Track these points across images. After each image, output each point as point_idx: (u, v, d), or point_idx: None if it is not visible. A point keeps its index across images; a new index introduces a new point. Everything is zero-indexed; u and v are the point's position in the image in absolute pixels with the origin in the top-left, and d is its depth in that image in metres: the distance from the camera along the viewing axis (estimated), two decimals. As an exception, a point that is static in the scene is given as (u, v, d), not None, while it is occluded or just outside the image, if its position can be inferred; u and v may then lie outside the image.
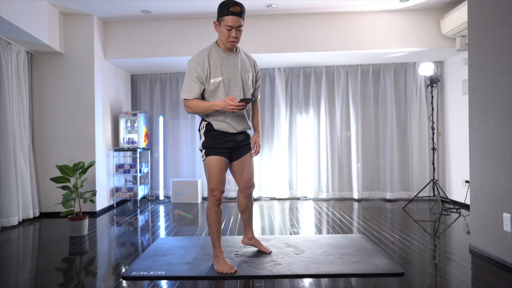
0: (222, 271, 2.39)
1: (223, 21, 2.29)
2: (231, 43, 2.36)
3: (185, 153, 5.77)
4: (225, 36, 2.33)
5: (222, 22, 2.30)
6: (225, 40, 2.35)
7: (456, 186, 5.00)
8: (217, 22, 2.34)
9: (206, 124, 2.46)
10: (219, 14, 2.31)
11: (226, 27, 2.29)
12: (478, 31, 2.79)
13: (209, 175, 2.46)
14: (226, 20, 2.28)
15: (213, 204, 2.49)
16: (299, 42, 4.70)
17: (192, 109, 2.38)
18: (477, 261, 2.61)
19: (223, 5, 2.29)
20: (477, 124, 2.80)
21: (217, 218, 2.50)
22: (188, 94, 2.37)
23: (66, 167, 3.54)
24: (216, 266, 2.45)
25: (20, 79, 4.24)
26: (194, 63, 2.35)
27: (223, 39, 2.35)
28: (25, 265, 2.66)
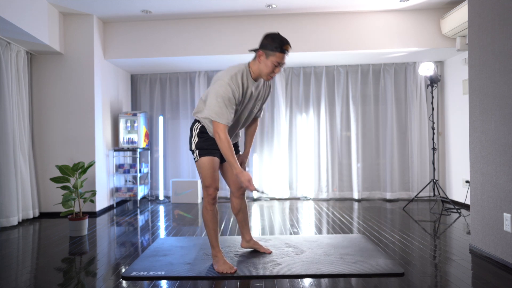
0: (222, 270, 2.38)
1: (274, 57, 2.22)
2: (270, 77, 2.32)
3: (185, 153, 5.77)
4: (269, 70, 2.26)
5: (272, 57, 2.22)
6: (266, 74, 2.28)
7: (456, 186, 5.00)
8: (263, 53, 2.24)
9: (200, 126, 2.44)
10: (270, 47, 2.22)
11: (274, 62, 2.23)
12: (478, 31, 2.79)
13: (203, 175, 2.43)
14: (278, 57, 2.22)
15: (209, 203, 2.45)
16: (299, 42, 4.70)
17: (223, 140, 2.21)
18: (477, 261, 2.61)
19: (277, 40, 2.22)
20: (477, 124, 2.80)
21: (213, 218, 2.48)
22: (225, 120, 2.21)
23: (66, 167, 3.54)
24: (216, 266, 2.44)
25: (20, 79, 4.23)
26: (231, 87, 2.21)
27: (265, 71, 2.28)
28: (25, 265, 2.66)
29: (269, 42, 2.22)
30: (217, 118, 2.21)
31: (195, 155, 2.46)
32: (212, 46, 4.74)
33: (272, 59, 2.23)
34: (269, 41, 2.23)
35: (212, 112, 2.22)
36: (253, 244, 2.85)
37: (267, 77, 2.30)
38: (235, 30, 4.73)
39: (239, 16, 4.73)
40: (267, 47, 2.22)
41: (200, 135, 2.44)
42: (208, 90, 2.31)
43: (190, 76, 5.78)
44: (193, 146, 2.46)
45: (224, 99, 2.20)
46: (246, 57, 4.89)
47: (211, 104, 2.23)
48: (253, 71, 2.32)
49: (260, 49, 2.25)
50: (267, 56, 2.23)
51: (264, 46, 2.24)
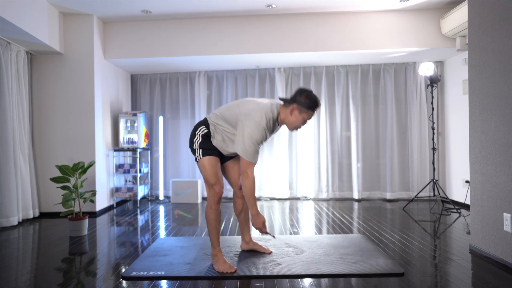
0: (222, 270, 2.38)
1: (306, 113, 2.35)
2: (295, 129, 2.45)
3: (185, 153, 5.77)
4: (298, 123, 2.39)
5: (304, 113, 2.35)
6: (294, 125, 2.41)
7: (456, 186, 5.00)
8: (297, 108, 2.34)
9: (206, 131, 2.46)
10: (304, 104, 2.33)
11: (306, 118, 2.38)
12: (478, 31, 2.79)
13: (207, 173, 2.44)
14: (309, 114, 2.37)
15: (214, 201, 2.46)
16: (299, 42, 4.70)
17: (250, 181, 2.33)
18: (477, 261, 2.61)
19: (312, 100, 2.33)
20: (477, 124, 2.80)
21: (217, 217, 2.49)
22: (256, 160, 2.33)
23: (66, 167, 3.54)
24: (215, 265, 2.44)
25: (20, 79, 4.23)
26: (266, 133, 2.33)
27: (294, 123, 2.39)
28: (25, 265, 2.66)
29: (305, 100, 2.33)
30: (251, 159, 2.31)
31: (197, 154, 2.47)
32: (212, 46, 4.75)
33: (304, 116, 2.37)
34: (305, 99, 2.33)
35: (247, 153, 2.30)
36: (253, 245, 2.85)
37: (293, 129, 2.44)
38: (235, 30, 4.73)
39: (239, 16, 4.73)
40: (302, 104, 2.33)
41: (204, 137, 2.46)
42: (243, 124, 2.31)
43: (190, 76, 5.78)
44: (195, 145, 2.47)
45: (258, 142, 2.31)
46: (246, 57, 4.90)
47: (246, 144, 2.29)
48: (281, 118, 2.42)
49: (296, 104, 2.34)
50: (300, 112, 2.36)
51: (299, 102, 2.34)
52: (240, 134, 2.31)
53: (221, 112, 2.46)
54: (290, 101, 2.37)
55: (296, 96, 2.36)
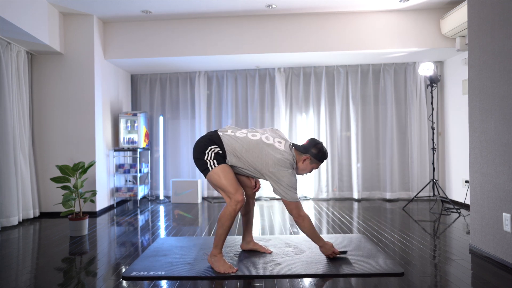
0: (224, 271, 2.38)
1: (316, 163, 2.64)
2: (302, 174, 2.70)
3: (185, 153, 5.77)
4: (308, 170, 2.65)
5: (315, 163, 2.64)
6: (303, 171, 2.66)
7: (456, 186, 5.00)
8: (309, 158, 2.60)
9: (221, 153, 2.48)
10: (316, 157, 2.60)
11: (314, 167, 2.66)
12: (478, 31, 2.79)
13: (227, 181, 2.44)
14: (318, 164, 2.65)
15: (236, 211, 2.44)
16: (299, 42, 4.70)
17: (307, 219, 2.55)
18: (477, 261, 2.61)
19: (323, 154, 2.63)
20: (477, 124, 2.80)
21: (232, 224, 2.48)
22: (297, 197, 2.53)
23: (66, 167, 3.54)
24: (215, 265, 2.44)
25: (20, 79, 4.24)
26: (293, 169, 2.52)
27: (303, 170, 2.65)
28: (25, 265, 2.66)
29: (317, 153, 2.61)
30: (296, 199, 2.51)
31: (210, 165, 2.46)
32: (212, 46, 4.75)
33: (313, 166, 2.65)
34: (317, 152, 2.61)
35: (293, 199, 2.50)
36: (253, 245, 2.86)
37: (301, 173, 2.68)
38: (235, 30, 4.73)
39: (239, 16, 4.73)
40: (314, 156, 2.61)
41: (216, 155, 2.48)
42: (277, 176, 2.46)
43: (190, 76, 5.78)
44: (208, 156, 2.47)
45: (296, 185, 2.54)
46: (246, 57, 4.90)
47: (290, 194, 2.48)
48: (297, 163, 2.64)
49: (309, 155, 2.60)
50: (311, 162, 2.63)
51: (312, 154, 2.61)
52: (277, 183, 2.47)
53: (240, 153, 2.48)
54: (304, 151, 2.61)
55: (310, 147, 2.62)
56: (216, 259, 2.48)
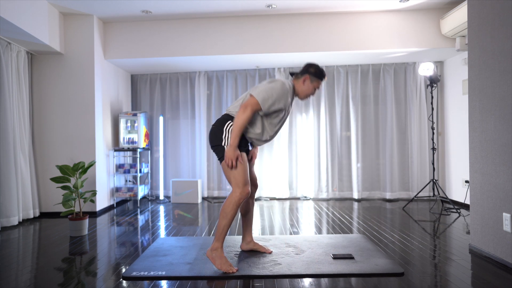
0: (225, 269, 2.38)
1: (316, 82, 2.62)
2: (305, 98, 2.68)
3: (185, 153, 5.77)
4: (310, 91, 2.63)
5: (315, 82, 2.62)
6: (305, 94, 2.64)
7: (456, 186, 5.00)
8: (308, 78, 2.60)
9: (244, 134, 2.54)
10: (315, 75, 2.59)
11: (316, 87, 2.63)
12: (478, 31, 2.79)
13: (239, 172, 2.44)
14: (319, 83, 2.64)
15: (240, 199, 2.44)
16: (299, 42, 4.70)
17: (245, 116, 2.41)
18: (477, 261, 2.61)
19: (320, 70, 2.61)
20: (477, 124, 2.80)
21: (235, 215, 2.48)
22: (262, 101, 2.43)
23: (66, 167, 3.54)
24: (216, 261, 2.42)
25: (20, 79, 4.24)
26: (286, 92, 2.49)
27: (305, 92, 2.62)
28: (25, 265, 2.66)
29: (315, 71, 2.61)
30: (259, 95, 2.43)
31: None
32: (212, 46, 4.75)
33: (314, 84, 2.63)
34: (315, 70, 2.61)
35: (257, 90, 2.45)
36: (253, 245, 2.85)
37: (304, 97, 2.66)
38: (235, 30, 4.73)
39: (239, 16, 4.73)
40: (313, 74, 2.60)
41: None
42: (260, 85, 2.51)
43: (190, 76, 5.78)
44: (224, 141, 2.48)
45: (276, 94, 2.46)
46: (246, 57, 4.89)
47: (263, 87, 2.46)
48: (296, 88, 2.66)
49: (307, 75, 2.60)
50: (312, 81, 2.62)
51: (310, 73, 2.61)
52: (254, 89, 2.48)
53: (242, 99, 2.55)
54: (302, 73, 2.61)
55: (307, 68, 2.61)
56: (217, 255, 2.45)
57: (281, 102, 2.48)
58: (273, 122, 2.56)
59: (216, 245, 2.46)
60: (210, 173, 5.78)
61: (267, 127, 2.56)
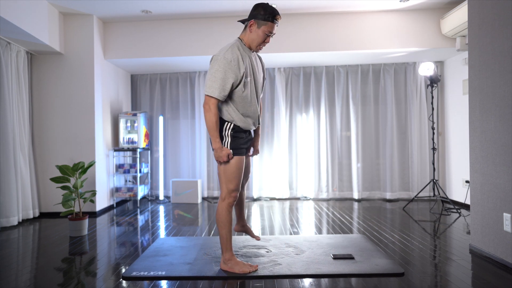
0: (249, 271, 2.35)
1: (266, 26, 2.25)
2: (260, 48, 2.35)
3: (185, 153, 5.77)
4: (261, 39, 2.29)
5: (264, 27, 2.25)
6: (257, 43, 2.31)
7: (456, 186, 5.00)
8: (255, 23, 2.26)
9: (232, 125, 2.35)
10: (262, 17, 2.24)
11: (266, 32, 2.27)
12: (478, 31, 2.79)
13: (231, 176, 2.34)
14: (270, 26, 2.25)
15: (230, 205, 2.36)
16: (299, 42, 4.70)
17: (211, 114, 2.23)
18: (477, 261, 2.61)
19: (269, 11, 2.24)
20: (477, 124, 2.80)
21: (231, 219, 2.40)
22: (218, 93, 2.21)
23: (66, 167, 3.54)
24: (236, 268, 2.37)
25: (20, 79, 4.24)
26: (228, 61, 2.20)
27: (256, 41, 2.30)
28: (25, 265, 2.66)
29: (261, 12, 2.23)
30: (210, 91, 2.22)
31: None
32: (212, 46, 4.75)
33: (263, 29, 2.25)
34: (261, 11, 2.24)
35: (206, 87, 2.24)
36: (247, 229, 2.79)
37: (257, 47, 2.33)
38: (235, 30, 4.73)
39: (239, 16, 4.73)
40: (258, 17, 2.24)
41: (234, 134, 2.36)
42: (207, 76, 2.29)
43: (190, 76, 5.78)
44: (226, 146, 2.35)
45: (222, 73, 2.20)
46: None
47: (208, 77, 2.23)
48: (245, 41, 2.34)
49: (252, 19, 2.26)
50: (259, 25, 2.25)
51: (255, 16, 2.25)
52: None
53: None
54: (248, 19, 2.29)
55: (251, 12, 2.27)
56: (233, 263, 2.39)
57: (231, 75, 2.21)
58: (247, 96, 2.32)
59: (227, 255, 2.40)
60: (210, 173, 5.78)
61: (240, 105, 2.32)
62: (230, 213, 2.38)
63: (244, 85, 2.29)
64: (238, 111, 2.34)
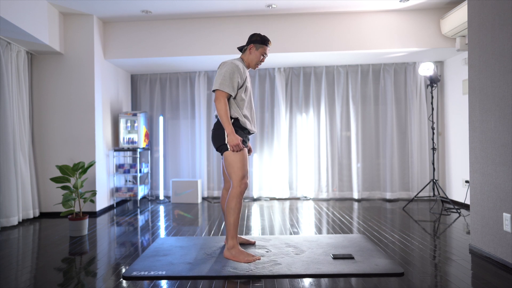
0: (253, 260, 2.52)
1: (262, 49, 2.81)
2: (257, 66, 2.87)
3: (185, 153, 5.77)
4: (258, 59, 2.83)
5: (261, 49, 2.81)
6: (254, 62, 2.84)
7: (456, 186, 5.00)
8: (254, 46, 2.80)
9: (233, 120, 2.69)
10: (260, 42, 2.79)
11: (262, 53, 2.83)
12: (478, 31, 2.79)
13: (239, 165, 2.61)
14: (265, 49, 2.82)
15: (242, 192, 2.62)
16: (299, 42, 4.70)
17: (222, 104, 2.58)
18: (477, 261, 2.61)
19: (265, 38, 2.82)
20: (477, 124, 2.80)
21: (241, 207, 2.64)
22: (229, 89, 2.61)
23: (66, 167, 3.54)
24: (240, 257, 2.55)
25: (20, 79, 4.24)
26: (237, 68, 2.65)
27: (254, 60, 2.83)
28: (25, 265, 2.66)
29: (257, 38, 2.82)
30: (222, 86, 2.60)
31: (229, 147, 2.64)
32: (212, 46, 4.75)
33: (260, 51, 2.82)
34: (258, 38, 2.82)
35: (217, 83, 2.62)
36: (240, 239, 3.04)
37: (255, 66, 2.87)
38: (235, 30, 4.73)
39: (239, 16, 4.73)
40: (256, 42, 2.81)
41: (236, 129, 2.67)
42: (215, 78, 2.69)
43: (190, 76, 5.78)
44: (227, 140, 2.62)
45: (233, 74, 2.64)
46: (246, 57, 4.89)
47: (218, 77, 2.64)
48: (245, 60, 2.87)
49: (252, 44, 2.82)
50: (257, 48, 2.82)
51: (254, 41, 2.82)
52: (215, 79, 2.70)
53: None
54: (246, 45, 2.83)
55: (250, 38, 2.82)
56: (237, 251, 2.59)
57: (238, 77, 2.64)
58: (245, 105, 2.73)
59: (232, 243, 2.60)
60: (210, 173, 5.78)
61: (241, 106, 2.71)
62: (241, 200, 2.63)
63: (245, 89, 2.73)
64: (240, 111, 2.71)
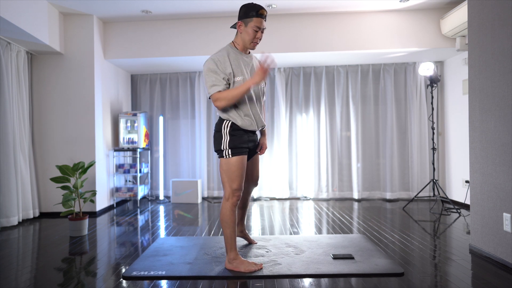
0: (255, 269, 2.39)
1: (251, 22, 2.34)
2: (254, 44, 2.42)
3: (185, 153, 5.77)
4: (251, 37, 2.38)
5: (250, 23, 2.34)
6: (249, 41, 2.40)
7: (456, 186, 5.00)
8: (242, 23, 2.37)
9: (230, 123, 2.39)
10: (246, 15, 2.34)
11: (254, 28, 2.35)
12: (478, 31, 2.79)
13: (233, 176, 2.37)
14: (255, 21, 2.33)
15: (234, 205, 2.39)
16: (299, 42, 4.70)
17: (227, 100, 2.29)
18: (477, 261, 2.61)
19: (251, 7, 2.34)
20: (477, 124, 2.80)
21: (236, 219, 2.43)
22: (218, 87, 2.30)
23: (66, 167, 3.54)
24: (241, 267, 2.39)
25: (20, 79, 4.24)
26: (215, 61, 2.32)
27: (247, 39, 2.39)
28: (25, 265, 2.66)
29: (245, 10, 2.34)
30: (211, 89, 2.32)
31: (225, 154, 2.39)
32: (212, 46, 4.75)
33: (251, 25, 2.34)
34: (245, 10, 2.35)
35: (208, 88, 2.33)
36: (245, 235, 3.01)
37: (250, 45, 2.41)
38: (235, 30, 4.73)
39: (239, 16, 4.73)
40: (243, 17, 2.35)
41: (232, 132, 2.39)
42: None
43: (190, 76, 5.78)
44: (223, 145, 2.38)
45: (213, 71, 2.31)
46: (246, 57, 4.89)
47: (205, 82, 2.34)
48: (238, 44, 2.45)
49: (239, 20, 2.38)
50: (246, 24, 2.36)
51: (241, 16, 2.36)
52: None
53: None
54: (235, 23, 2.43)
55: (238, 14, 2.40)
56: (238, 262, 2.41)
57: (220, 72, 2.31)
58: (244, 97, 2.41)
59: (232, 255, 2.42)
60: (210, 173, 5.78)
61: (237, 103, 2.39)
62: (234, 212, 2.40)
63: (234, 84, 2.37)
64: (235, 110, 2.40)
